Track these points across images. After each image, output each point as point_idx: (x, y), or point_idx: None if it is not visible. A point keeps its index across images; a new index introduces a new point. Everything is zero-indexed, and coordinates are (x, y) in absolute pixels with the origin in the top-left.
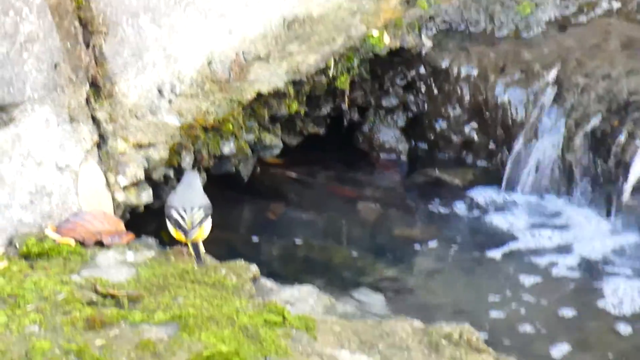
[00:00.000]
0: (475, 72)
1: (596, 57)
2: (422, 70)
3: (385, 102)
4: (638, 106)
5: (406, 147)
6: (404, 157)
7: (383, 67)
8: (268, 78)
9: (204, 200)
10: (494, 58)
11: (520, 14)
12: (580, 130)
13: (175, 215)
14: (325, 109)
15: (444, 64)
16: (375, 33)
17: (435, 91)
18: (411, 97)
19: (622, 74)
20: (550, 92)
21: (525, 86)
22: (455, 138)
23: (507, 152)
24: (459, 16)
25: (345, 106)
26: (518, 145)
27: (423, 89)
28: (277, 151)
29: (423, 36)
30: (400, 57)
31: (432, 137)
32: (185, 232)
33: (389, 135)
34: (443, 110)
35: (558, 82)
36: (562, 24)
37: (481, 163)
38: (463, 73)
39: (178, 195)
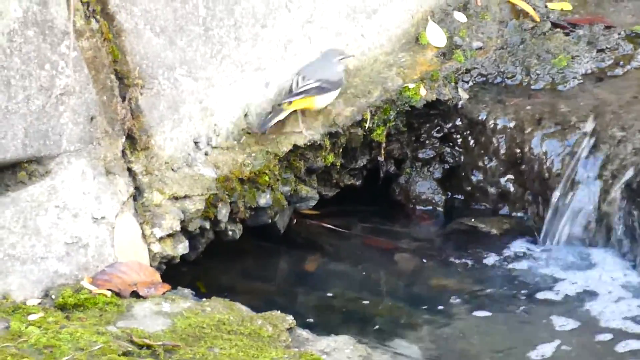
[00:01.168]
0: (511, 124)
1: (632, 109)
2: (458, 122)
3: (421, 154)
4: None
5: (442, 198)
6: (440, 209)
7: (419, 119)
8: (304, 130)
9: (328, 75)
10: (530, 110)
11: (557, 66)
12: (617, 182)
13: (292, 81)
14: (362, 161)
15: (481, 116)
16: (411, 86)
17: (472, 143)
18: (447, 149)
19: None
20: (587, 144)
21: (561, 138)
22: (491, 189)
23: (543, 204)
24: (495, 69)
25: (381, 158)
26: (554, 196)
27: (459, 141)
28: (313, 203)
29: (459, 89)
30: (437, 110)
31: (469, 189)
32: (289, 95)
33: (425, 187)
34: (479, 162)
35: (594, 134)
36: (598, 77)
37: (517, 214)
38: (499, 125)
39: (306, 66)
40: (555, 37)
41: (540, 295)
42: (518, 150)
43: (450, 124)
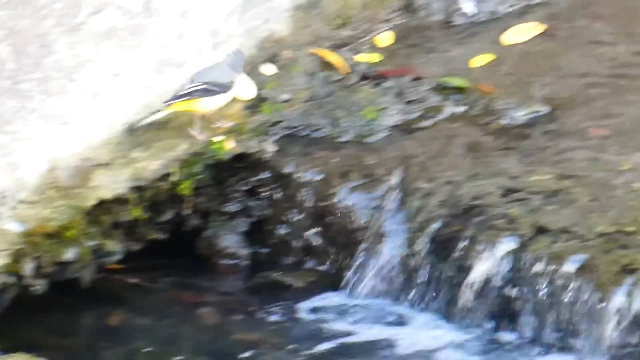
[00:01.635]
0: (318, 177)
1: (439, 162)
2: (265, 175)
3: (227, 208)
4: (480, 211)
5: (248, 252)
6: (245, 262)
7: (226, 172)
8: (110, 184)
9: (218, 77)
10: (337, 163)
11: (364, 118)
12: (423, 234)
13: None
14: (168, 215)
15: (287, 169)
16: (218, 139)
17: (278, 196)
18: (253, 203)
19: (465, 178)
20: (394, 197)
21: (368, 191)
22: (297, 243)
23: (349, 257)
24: (303, 121)
25: (187, 212)
26: (361, 249)
27: (266, 194)
28: (118, 257)
29: (266, 141)
30: (244, 163)
31: (275, 242)
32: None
33: (231, 241)
34: (285, 216)
35: (401, 186)
36: (406, 129)
37: (323, 267)
38: (306, 178)
39: (201, 70)
40: (364, 89)
41: (341, 349)
42: (324, 204)
43: (256, 177)
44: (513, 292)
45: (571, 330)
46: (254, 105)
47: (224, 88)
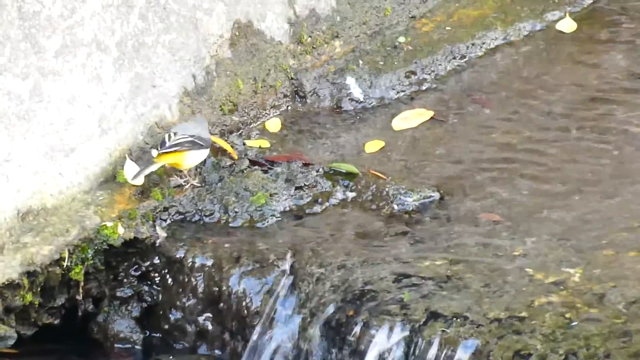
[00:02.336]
0: (209, 263)
1: (330, 247)
2: (156, 260)
3: (119, 293)
4: (373, 296)
5: (141, 337)
6: (138, 347)
7: (118, 257)
8: (2, 269)
9: (200, 132)
10: (228, 248)
11: (255, 204)
12: (316, 320)
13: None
14: (60, 300)
15: (178, 255)
16: (109, 224)
17: (170, 281)
18: (146, 288)
19: (357, 264)
20: (285, 282)
21: (260, 276)
22: (189, 328)
23: (242, 342)
24: (194, 207)
25: (79, 297)
26: (253, 335)
27: (158, 280)
28: (11, 342)
29: (157, 227)
30: (135, 248)
31: (167, 327)
32: (160, 146)
33: (123, 325)
34: (178, 301)
35: (293, 272)
36: (297, 214)
37: (217, 353)
38: (197, 263)
39: (180, 125)
40: (254, 174)
41: None
42: (216, 289)
43: (148, 263)
44: None
45: None
46: (145, 191)
47: (206, 143)
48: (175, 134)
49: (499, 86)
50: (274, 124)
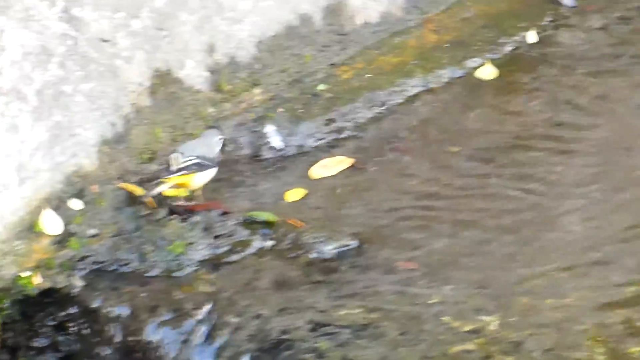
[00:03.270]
0: (126, 312)
1: (248, 296)
2: (73, 310)
3: (35, 343)
4: (289, 345)
5: None
6: None
7: (34, 307)
8: None
9: (205, 152)
10: (145, 297)
11: (172, 253)
12: None
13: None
14: None
15: (95, 304)
16: (26, 274)
17: (87, 331)
18: (62, 338)
19: (274, 313)
20: (202, 332)
21: (177, 326)
22: None
23: None
24: (111, 256)
25: None
26: None
27: (74, 329)
28: None
29: (74, 276)
30: (52, 298)
31: None
32: (167, 168)
33: None
34: (94, 350)
35: (209, 321)
36: (215, 263)
37: None
38: (114, 313)
39: (186, 144)
40: (172, 223)
41: None
42: (133, 338)
43: (65, 312)
44: None
45: None
46: (62, 240)
47: (213, 162)
48: (182, 154)
49: (419, 133)
50: None
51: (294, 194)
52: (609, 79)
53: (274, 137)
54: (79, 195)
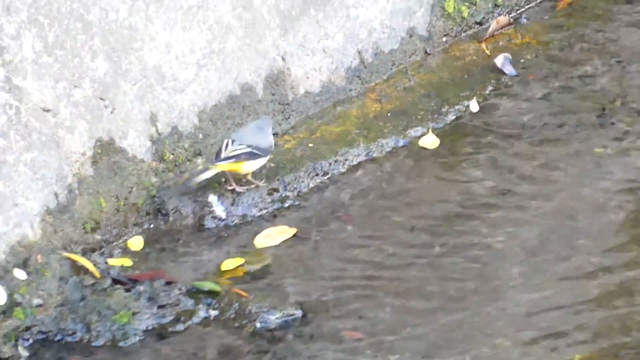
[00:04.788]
0: None
1: None
2: None
3: None
4: None
5: None
6: None
7: None
8: None
9: (260, 141)
10: None
11: (117, 322)
12: None
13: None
14: None
15: None
16: None
17: None
18: None
19: None
20: None
21: None
22: None
23: None
24: (56, 326)
25: None
26: None
27: None
28: None
29: (19, 347)
30: None
31: None
32: (216, 156)
33: None
34: None
35: None
36: (160, 333)
37: None
38: None
39: (238, 131)
40: (116, 293)
41: None
42: None
43: None
44: None
45: None
46: (6, 310)
47: (265, 152)
48: (233, 142)
49: (362, 203)
50: (136, 242)
51: (238, 264)
52: (552, 148)
53: (217, 206)
54: (23, 265)
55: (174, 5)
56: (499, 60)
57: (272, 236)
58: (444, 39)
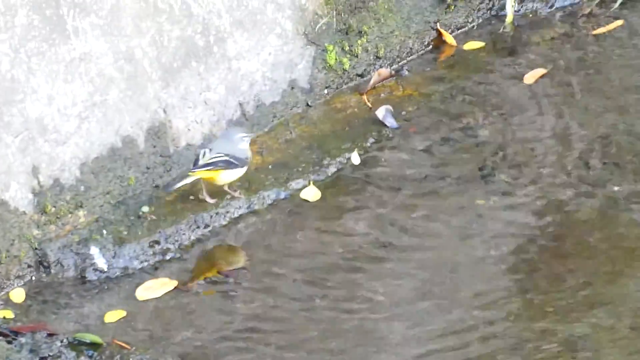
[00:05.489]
0: None
1: None
2: None
3: None
4: None
5: None
6: None
7: None
8: None
9: (236, 152)
10: None
11: None
12: None
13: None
14: None
15: None
16: None
17: None
18: None
19: None
20: None
21: None
22: None
23: None
24: None
25: None
26: None
27: None
28: None
29: None
30: None
31: None
32: (194, 163)
33: None
34: None
35: None
36: None
37: None
38: None
39: (214, 141)
40: None
41: None
42: None
43: None
44: None
45: None
46: None
47: (242, 163)
48: (210, 150)
49: (245, 255)
50: (18, 295)
51: (119, 316)
52: (432, 200)
53: (98, 259)
54: None
55: (56, 58)
56: (381, 113)
57: (153, 288)
58: (326, 91)
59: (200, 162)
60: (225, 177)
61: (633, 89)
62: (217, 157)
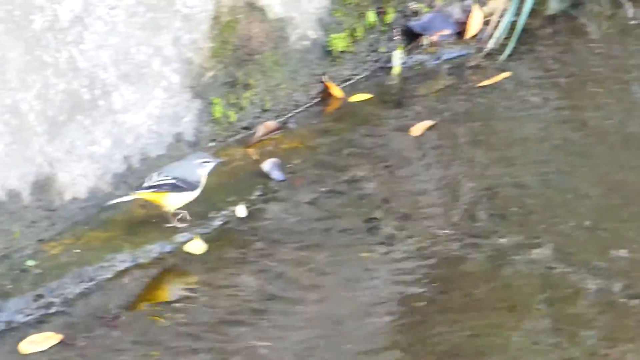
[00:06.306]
0: None
1: None
2: None
3: None
4: None
5: None
6: None
7: None
8: None
9: (187, 175)
10: None
11: None
12: None
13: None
14: None
15: None
16: None
17: None
18: None
19: None
20: None
21: None
22: None
23: None
24: None
25: None
26: None
27: None
28: None
29: None
30: None
31: None
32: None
33: None
34: None
35: None
36: None
37: None
38: None
39: (168, 165)
40: None
41: None
42: None
43: None
44: None
45: None
46: None
47: (191, 187)
48: (159, 173)
49: (129, 308)
50: None
51: None
52: (318, 253)
53: None
54: None
55: None
56: (267, 165)
57: (37, 342)
58: (212, 144)
59: (145, 184)
60: (171, 201)
61: (519, 141)
62: (163, 180)
